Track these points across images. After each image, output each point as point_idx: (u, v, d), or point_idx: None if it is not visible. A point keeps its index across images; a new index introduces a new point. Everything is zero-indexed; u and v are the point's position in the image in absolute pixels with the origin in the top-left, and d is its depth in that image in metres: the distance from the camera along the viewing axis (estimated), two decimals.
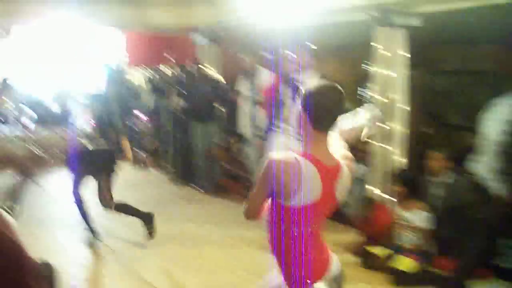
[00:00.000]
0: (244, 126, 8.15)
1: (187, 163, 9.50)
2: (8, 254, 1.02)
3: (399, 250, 5.54)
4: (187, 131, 9.30)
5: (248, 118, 7.99)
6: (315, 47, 6.26)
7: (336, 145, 2.59)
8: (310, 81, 5.12)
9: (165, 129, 10.36)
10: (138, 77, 13.88)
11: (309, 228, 2.44)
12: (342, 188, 2.52)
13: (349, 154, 2.54)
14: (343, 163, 2.50)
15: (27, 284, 1.03)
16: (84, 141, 6.36)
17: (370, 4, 6.34)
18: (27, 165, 7.30)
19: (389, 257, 5.53)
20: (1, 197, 5.39)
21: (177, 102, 9.58)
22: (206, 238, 6.62)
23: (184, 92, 9.45)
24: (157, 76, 12.79)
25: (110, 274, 5.49)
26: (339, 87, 2.44)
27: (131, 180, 10.00)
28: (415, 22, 6.20)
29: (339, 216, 7.18)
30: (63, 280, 5.00)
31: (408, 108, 6.42)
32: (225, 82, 8.88)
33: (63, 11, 8.68)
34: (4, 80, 13.68)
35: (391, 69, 6.33)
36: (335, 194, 2.49)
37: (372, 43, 6.38)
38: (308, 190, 2.33)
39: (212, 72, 9.04)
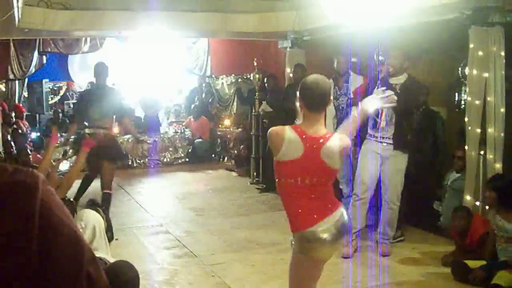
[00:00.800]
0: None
1: (271, 168, 9.41)
2: (68, 240, 0.98)
3: (500, 264, 5.13)
4: None
5: (334, 123, 7.78)
6: (405, 49, 6.01)
7: (343, 129, 3.50)
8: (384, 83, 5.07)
9: (250, 135, 10.33)
10: (224, 84, 13.99)
11: (299, 179, 3.29)
12: (328, 153, 3.28)
13: (345, 138, 3.36)
14: (333, 137, 3.31)
15: (87, 271, 0.98)
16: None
17: (464, 2, 5.98)
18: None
19: (486, 270, 5.13)
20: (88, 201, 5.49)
21: (263, 107, 9.55)
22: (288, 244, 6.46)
23: (269, 97, 9.40)
24: (243, 83, 12.84)
25: (193, 279, 5.45)
26: (326, 80, 3.37)
27: (216, 185, 10.05)
28: None
29: (434, 228, 6.86)
30: (146, 284, 5.01)
31: (504, 111, 5.97)
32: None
33: (152, 23, 8.83)
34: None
35: (486, 69, 5.92)
36: (320, 156, 3.29)
37: (466, 43, 6.02)
38: (291, 150, 3.27)
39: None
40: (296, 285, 3.52)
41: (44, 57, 13.60)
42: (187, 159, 12.37)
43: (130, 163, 11.91)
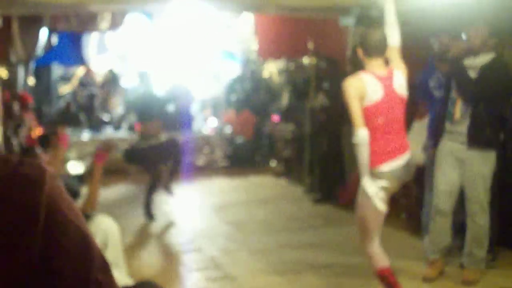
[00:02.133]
0: None
1: (328, 174, 9.56)
2: (75, 242, 1.10)
3: None
4: (331, 135, 9.37)
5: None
6: (491, 27, 6.05)
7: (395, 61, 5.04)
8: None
9: (303, 133, 10.48)
10: (272, 70, 14.15)
11: (385, 117, 4.78)
12: (399, 83, 4.89)
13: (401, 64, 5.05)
14: (395, 70, 4.94)
15: (96, 280, 1.10)
16: None
17: None
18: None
19: None
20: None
21: (320, 100, 9.68)
22: (346, 267, 6.61)
23: (329, 88, 9.53)
24: (295, 70, 12.99)
25: None
26: (382, 31, 4.99)
27: (261, 194, 10.25)
28: None
29: None
30: None
31: None
32: None
33: None
34: (110, 72, 14.61)
35: None
36: (396, 90, 4.85)
37: None
38: (373, 92, 4.74)
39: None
40: (369, 228, 5.01)
41: (54, 37, 13.75)
42: (226, 163, 12.59)
43: None
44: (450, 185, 6.04)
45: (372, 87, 4.76)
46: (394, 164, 4.80)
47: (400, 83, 4.90)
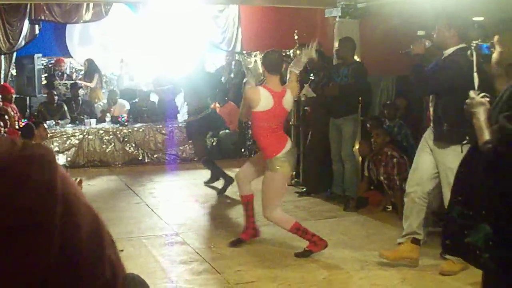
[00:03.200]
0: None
1: (314, 167, 9.56)
2: (88, 219, 1.12)
3: None
4: (316, 128, 9.36)
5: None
6: (483, 22, 6.09)
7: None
8: None
9: (289, 125, 10.46)
10: (257, 62, 14.12)
11: (269, 124, 6.38)
12: (287, 102, 6.47)
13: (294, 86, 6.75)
14: (287, 90, 6.50)
15: (108, 256, 1.13)
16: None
17: None
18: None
19: None
20: None
21: (306, 92, 9.66)
22: (332, 259, 6.61)
23: (312, 79, 9.51)
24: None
25: None
26: (279, 52, 7.09)
27: None
28: None
29: None
30: None
31: None
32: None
33: None
34: (90, 62, 14.52)
35: None
36: (283, 105, 6.42)
37: None
38: (265, 103, 6.27)
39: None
40: (280, 196, 6.80)
41: (37, 27, 13.70)
42: (210, 154, 12.58)
43: (140, 158, 12.20)
44: (420, 170, 6.13)
45: (265, 98, 6.37)
46: (285, 150, 6.47)
47: (288, 100, 6.55)
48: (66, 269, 1.06)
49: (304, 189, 9.66)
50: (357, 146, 8.95)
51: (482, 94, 3.53)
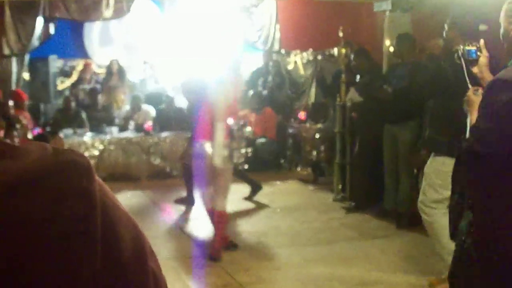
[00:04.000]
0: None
1: (363, 180, 9.53)
2: (128, 229, 1.17)
3: None
4: (364, 135, 9.35)
5: None
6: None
7: None
8: None
9: (334, 133, 10.47)
10: (298, 63, 14.15)
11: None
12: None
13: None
14: None
15: (151, 267, 1.18)
16: None
17: None
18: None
19: None
20: None
21: (352, 96, 9.66)
22: (383, 284, 6.60)
23: (359, 82, 9.52)
24: (323, 62, 12.97)
25: None
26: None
27: (286, 202, 10.28)
28: None
29: None
30: None
31: None
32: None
33: None
34: (115, 64, 14.60)
35: None
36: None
37: None
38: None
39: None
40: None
41: (52, 26, 13.76)
42: (246, 166, 12.60)
43: (167, 170, 12.26)
44: None
45: None
46: None
47: None
48: (110, 281, 1.10)
49: (352, 204, 9.64)
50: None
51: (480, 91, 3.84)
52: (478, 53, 4.16)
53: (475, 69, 4.23)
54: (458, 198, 3.87)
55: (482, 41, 4.15)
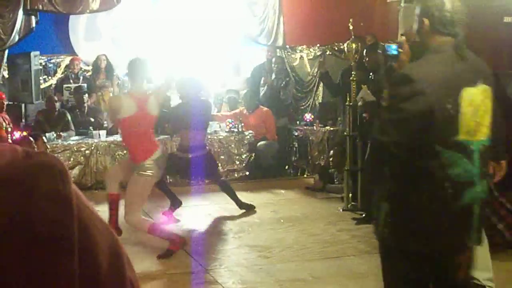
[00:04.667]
0: None
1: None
2: (105, 237, 1.19)
3: None
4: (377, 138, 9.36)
5: None
6: None
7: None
8: None
9: (344, 136, 10.47)
10: (304, 59, 14.15)
11: (135, 129, 7.98)
12: (151, 106, 8.03)
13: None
14: (151, 96, 8.24)
15: (129, 277, 1.21)
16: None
17: None
18: None
19: None
20: None
21: (364, 95, 9.66)
22: None
23: (371, 79, 9.53)
24: (332, 58, 12.97)
25: None
26: (141, 59, 8.64)
27: (291, 212, 10.33)
28: None
29: None
30: None
31: None
32: None
33: None
34: (104, 60, 14.59)
35: None
36: (147, 110, 7.97)
37: None
38: (128, 108, 7.83)
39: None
40: (140, 204, 8.27)
41: (34, 19, 13.70)
42: (247, 172, 12.59)
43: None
44: None
45: (127, 105, 7.93)
46: (154, 157, 8.02)
47: (152, 105, 8.08)
48: None
49: (363, 215, 9.64)
50: None
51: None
52: (399, 49, 4.67)
53: (395, 65, 4.74)
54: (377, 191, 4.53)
55: (404, 38, 4.80)
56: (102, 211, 10.32)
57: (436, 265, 4.50)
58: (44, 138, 10.10)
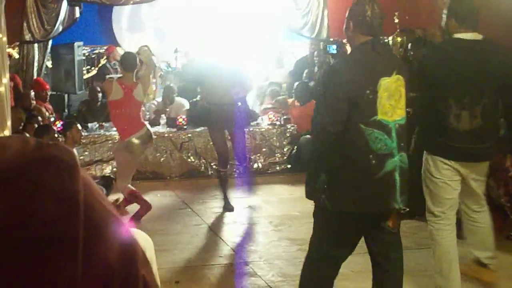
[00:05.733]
0: None
1: (417, 182, 9.42)
2: (118, 234, 1.16)
3: None
4: (418, 133, 9.27)
5: None
6: None
7: None
8: None
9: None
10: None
11: (123, 110, 9.44)
12: (137, 93, 9.50)
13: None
14: (138, 84, 9.65)
15: (142, 276, 1.17)
16: None
17: None
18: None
19: None
20: None
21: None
22: None
23: (416, 73, 9.43)
24: None
25: None
26: (133, 53, 10.77)
27: None
28: None
29: None
30: None
31: None
32: None
33: None
34: (147, 51, 14.59)
35: None
36: (133, 95, 9.45)
37: None
38: (116, 93, 9.42)
39: None
40: (127, 174, 9.60)
41: (77, 10, 13.77)
42: (288, 165, 12.53)
43: (201, 169, 12.23)
44: None
45: (116, 90, 9.34)
46: (138, 135, 9.32)
47: (138, 92, 9.46)
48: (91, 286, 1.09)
49: (406, 210, 9.54)
50: None
51: None
52: (338, 48, 5.53)
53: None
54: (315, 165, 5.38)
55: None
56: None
57: (367, 224, 5.45)
58: (78, 126, 10.07)
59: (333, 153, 5.15)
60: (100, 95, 13.14)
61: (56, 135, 9.65)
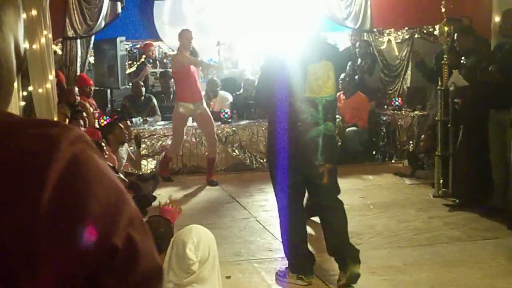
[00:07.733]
0: None
1: (469, 173, 9.38)
2: (110, 193, 1.25)
3: None
4: (470, 123, 9.23)
5: None
6: None
7: None
8: None
9: (435, 121, 10.36)
10: (392, 42, 14.04)
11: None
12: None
13: None
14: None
15: (127, 232, 1.23)
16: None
17: None
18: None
19: None
20: None
21: (456, 79, 9.53)
22: None
23: (467, 64, 9.40)
24: (421, 41, 12.82)
25: None
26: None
27: (380, 198, 10.32)
28: None
29: None
30: None
31: None
32: None
33: None
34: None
35: None
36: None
37: None
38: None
39: None
40: (174, 137, 11.74)
41: (119, 5, 13.83)
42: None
43: (247, 162, 12.28)
44: None
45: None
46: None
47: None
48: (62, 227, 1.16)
49: (456, 201, 9.52)
50: None
51: None
52: None
53: None
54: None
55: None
56: (190, 195, 10.58)
57: (305, 175, 6.86)
58: (128, 122, 10.17)
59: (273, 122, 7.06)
60: (143, 89, 13.22)
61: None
